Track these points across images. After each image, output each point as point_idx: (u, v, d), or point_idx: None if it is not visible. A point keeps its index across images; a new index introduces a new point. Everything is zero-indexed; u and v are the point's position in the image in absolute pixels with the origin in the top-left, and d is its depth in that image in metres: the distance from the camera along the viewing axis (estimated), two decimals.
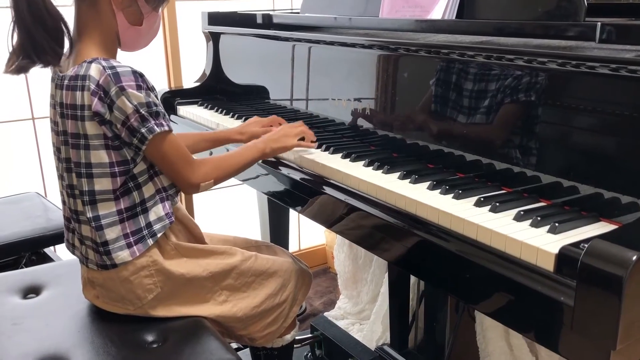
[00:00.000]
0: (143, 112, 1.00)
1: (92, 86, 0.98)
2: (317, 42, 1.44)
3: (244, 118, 1.59)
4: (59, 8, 1.04)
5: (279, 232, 1.95)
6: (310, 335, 1.82)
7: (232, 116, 1.63)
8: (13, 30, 1.01)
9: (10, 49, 1.03)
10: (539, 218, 0.84)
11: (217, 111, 1.71)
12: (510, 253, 0.81)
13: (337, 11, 1.55)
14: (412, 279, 1.66)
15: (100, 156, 1.02)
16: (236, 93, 1.82)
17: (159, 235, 1.08)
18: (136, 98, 0.99)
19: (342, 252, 1.99)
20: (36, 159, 2.05)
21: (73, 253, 1.16)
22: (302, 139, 1.26)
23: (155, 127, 1.01)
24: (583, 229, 0.83)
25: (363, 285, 1.96)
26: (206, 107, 1.77)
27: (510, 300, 0.82)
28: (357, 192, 1.08)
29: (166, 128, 1.03)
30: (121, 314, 1.10)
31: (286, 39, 1.54)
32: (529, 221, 0.85)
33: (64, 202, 1.13)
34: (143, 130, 1.00)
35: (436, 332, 1.55)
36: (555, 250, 0.76)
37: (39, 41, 1.01)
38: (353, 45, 1.32)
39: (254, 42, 1.70)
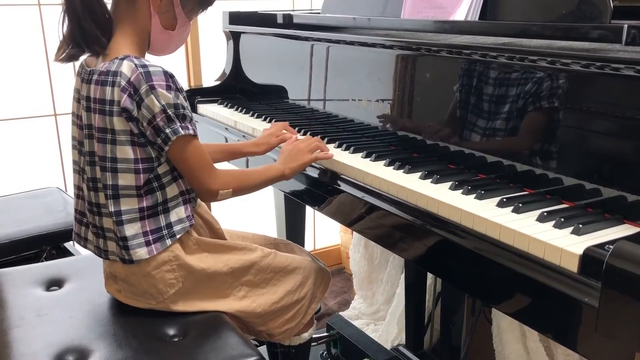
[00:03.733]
0: (170, 113, 1.01)
1: (123, 82, 1.00)
2: (338, 42, 1.45)
3: (263, 117, 1.60)
4: None
5: (295, 230, 1.95)
6: (326, 334, 1.82)
7: (252, 115, 1.65)
8: (63, 19, 1.04)
9: (61, 37, 1.05)
10: (562, 219, 0.84)
11: (236, 110, 1.73)
12: (533, 253, 0.81)
13: (357, 12, 1.56)
14: (429, 279, 1.66)
15: (126, 151, 1.03)
16: (255, 92, 1.84)
17: (178, 236, 1.09)
18: (165, 98, 1.01)
19: (357, 253, 2.00)
20: (57, 155, 2.08)
21: (85, 247, 1.17)
22: None
23: (180, 129, 1.02)
24: (607, 231, 0.83)
25: (378, 285, 1.97)
26: (225, 106, 1.79)
27: (532, 300, 0.82)
28: (378, 191, 1.09)
29: (191, 132, 1.04)
30: (142, 308, 1.12)
31: (306, 39, 1.55)
32: (553, 222, 0.85)
33: (78, 197, 1.14)
34: (167, 130, 1.02)
35: (452, 334, 1.55)
36: (580, 252, 0.76)
37: (88, 30, 1.03)
38: (374, 45, 1.32)
39: (274, 41, 1.71)
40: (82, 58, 1.09)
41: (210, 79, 1.99)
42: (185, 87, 1.92)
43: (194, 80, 2.18)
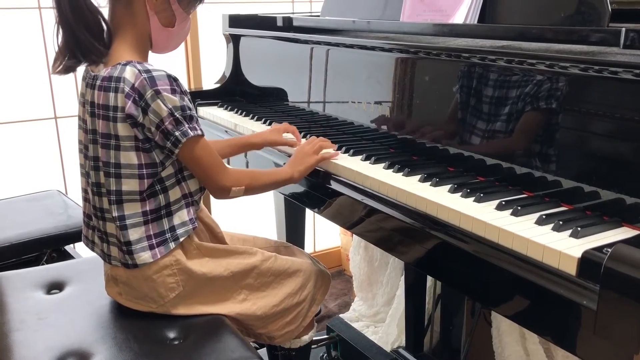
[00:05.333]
0: (177, 116, 1.02)
1: (127, 89, 1.00)
2: (337, 44, 1.45)
3: (263, 120, 1.60)
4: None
5: (295, 232, 1.96)
6: (326, 336, 1.83)
7: (252, 118, 1.65)
8: (58, 30, 1.04)
9: (56, 49, 1.05)
10: (560, 222, 0.85)
11: (236, 112, 1.73)
12: (532, 256, 0.81)
13: (357, 15, 1.56)
14: (429, 282, 1.66)
15: (130, 157, 1.03)
16: (255, 95, 1.84)
17: (181, 239, 1.09)
18: (171, 101, 1.01)
19: (357, 255, 2.00)
20: (58, 158, 2.08)
21: (92, 250, 1.18)
22: None
23: (189, 130, 1.03)
24: (605, 234, 0.83)
25: (378, 287, 1.97)
26: (225, 109, 1.79)
27: (530, 303, 0.83)
28: (377, 194, 1.09)
29: (199, 132, 1.05)
30: (143, 311, 1.12)
31: (306, 42, 1.55)
32: (551, 225, 0.85)
33: (85, 200, 1.15)
34: (177, 133, 1.02)
35: (452, 336, 1.56)
36: (578, 254, 0.76)
37: (82, 40, 1.02)
38: (373, 48, 1.33)
39: (273, 44, 1.72)
40: (80, 68, 1.09)
41: (210, 82, 1.99)
42: (186, 89, 1.92)
43: (194, 83, 2.18)
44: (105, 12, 1.09)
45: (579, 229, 0.82)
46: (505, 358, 1.45)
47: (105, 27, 1.06)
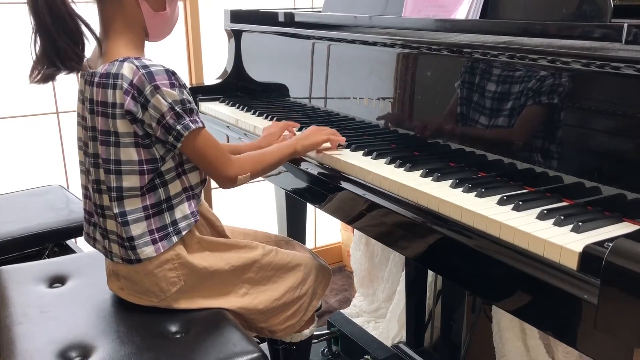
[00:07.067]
0: (178, 110, 1.02)
1: (125, 85, 1.00)
2: (339, 40, 1.45)
3: (264, 115, 1.61)
4: (80, 5, 1.04)
5: (296, 228, 1.96)
6: (327, 331, 1.83)
7: (253, 113, 1.65)
8: (35, 39, 1.00)
9: (34, 58, 1.01)
10: (562, 217, 0.85)
11: (237, 108, 1.73)
12: (533, 251, 0.81)
13: (359, 10, 1.56)
14: (429, 277, 1.67)
15: (130, 154, 1.03)
16: (257, 90, 1.84)
17: (183, 233, 1.09)
18: (170, 96, 1.01)
19: (358, 250, 2.00)
20: (59, 152, 2.08)
21: (94, 247, 1.18)
22: None
23: (191, 123, 1.03)
24: (606, 229, 0.84)
25: (379, 283, 1.97)
26: (227, 104, 1.79)
27: (531, 297, 0.83)
28: (379, 189, 1.09)
29: (200, 124, 1.05)
30: (145, 305, 1.12)
31: (307, 37, 1.55)
32: (552, 220, 0.85)
33: (86, 197, 1.15)
34: (179, 127, 1.02)
35: (452, 332, 1.56)
36: (579, 249, 0.76)
37: (62, 47, 1.00)
38: (375, 43, 1.33)
39: (275, 40, 1.72)
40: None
41: (211, 77, 1.99)
42: (187, 85, 1.92)
43: (195, 79, 2.18)
44: (94, 9, 1.07)
45: (580, 223, 0.82)
46: (505, 353, 1.45)
47: (87, 29, 1.03)
